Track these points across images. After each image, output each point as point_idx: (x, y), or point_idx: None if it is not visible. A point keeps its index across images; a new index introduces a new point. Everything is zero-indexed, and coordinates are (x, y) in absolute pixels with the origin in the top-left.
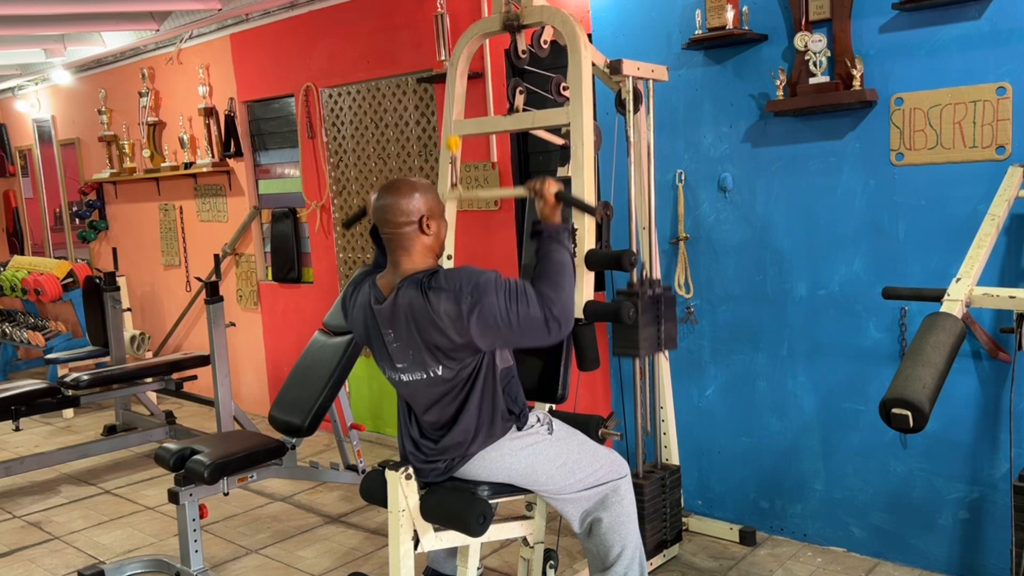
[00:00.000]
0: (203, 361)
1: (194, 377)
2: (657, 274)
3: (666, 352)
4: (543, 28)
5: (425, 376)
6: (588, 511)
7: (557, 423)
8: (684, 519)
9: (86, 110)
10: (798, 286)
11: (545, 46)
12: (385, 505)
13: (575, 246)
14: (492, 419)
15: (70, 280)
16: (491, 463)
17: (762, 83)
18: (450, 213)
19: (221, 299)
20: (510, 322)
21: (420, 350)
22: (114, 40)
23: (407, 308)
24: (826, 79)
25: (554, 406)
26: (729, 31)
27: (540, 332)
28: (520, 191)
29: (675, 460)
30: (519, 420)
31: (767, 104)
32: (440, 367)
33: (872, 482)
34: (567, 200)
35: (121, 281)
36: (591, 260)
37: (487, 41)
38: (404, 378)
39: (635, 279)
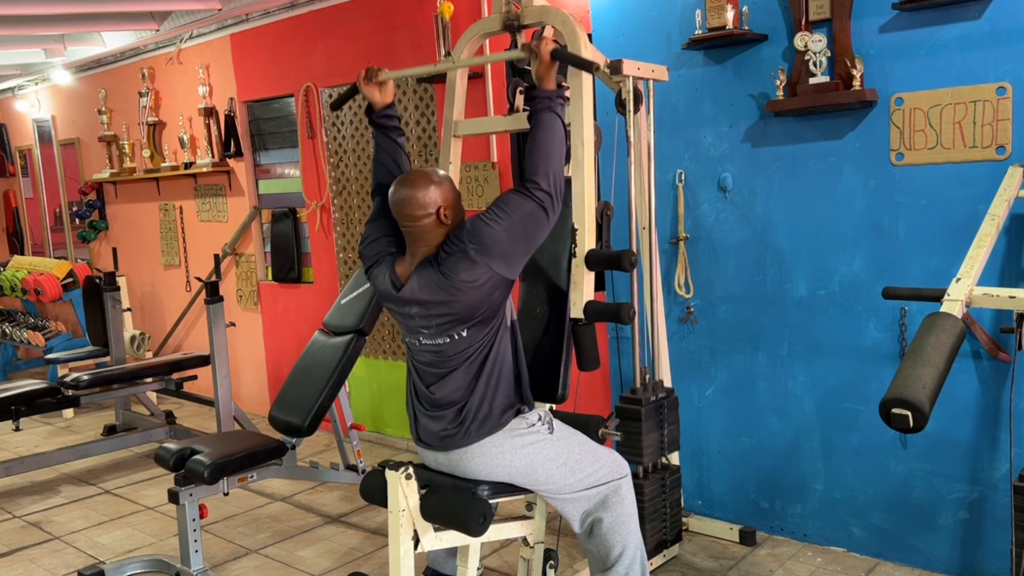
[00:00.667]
0: (203, 361)
1: (194, 377)
2: (664, 375)
3: (666, 352)
4: (543, 28)
5: (448, 340)
6: (588, 511)
7: (557, 423)
8: (684, 519)
9: (86, 110)
10: (798, 286)
11: None
12: (385, 505)
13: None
14: (497, 389)
15: (70, 280)
16: (491, 461)
17: (762, 83)
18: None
19: (221, 299)
20: (513, 235)
21: (445, 319)
22: (114, 40)
23: (429, 287)
24: (826, 79)
25: (554, 406)
26: (729, 31)
27: (541, 219)
28: (516, 53)
29: (675, 460)
30: (522, 403)
31: (767, 104)
32: (465, 330)
33: (872, 482)
34: (564, 58)
35: (121, 281)
36: (591, 260)
37: (487, 41)
38: (426, 342)
39: (638, 384)
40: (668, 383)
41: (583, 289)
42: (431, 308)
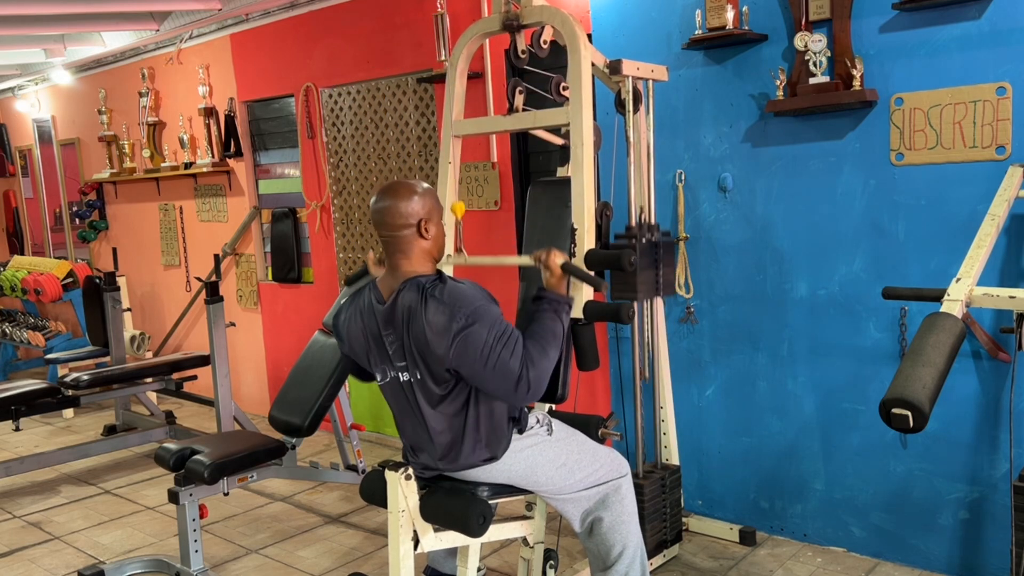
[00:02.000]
0: (203, 361)
1: (194, 377)
2: (654, 218)
3: (666, 352)
4: (543, 28)
5: (419, 377)
6: (588, 511)
7: (557, 423)
8: (684, 519)
9: (86, 110)
10: (798, 286)
11: (545, 46)
12: (385, 505)
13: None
14: (491, 432)
15: (70, 280)
16: (491, 465)
17: (762, 83)
18: (448, 271)
19: (221, 299)
20: (487, 361)
21: (413, 351)
22: (114, 40)
23: (405, 309)
24: (826, 79)
25: (554, 406)
26: (729, 31)
27: (508, 385)
28: (526, 260)
29: (675, 460)
30: (519, 423)
31: (767, 104)
32: (427, 373)
33: (872, 482)
34: (573, 272)
35: (121, 281)
36: (591, 260)
37: (487, 41)
38: (403, 377)
39: (633, 223)
40: (668, 383)
41: (583, 289)
42: (403, 327)
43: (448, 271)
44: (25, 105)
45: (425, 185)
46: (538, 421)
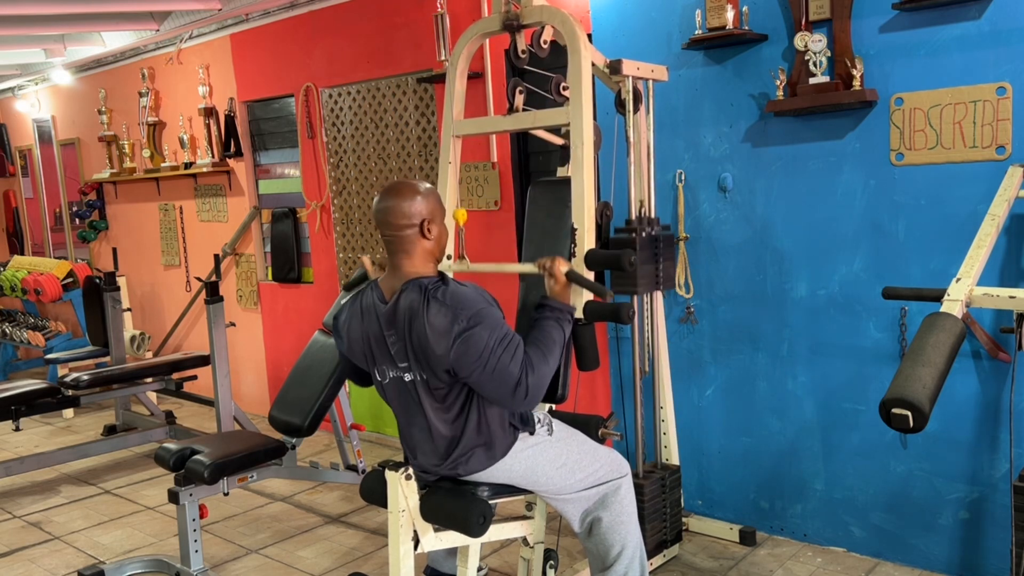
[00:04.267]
0: (203, 361)
1: (194, 377)
2: (654, 212)
3: (666, 352)
4: (543, 28)
5: (423, 377)
6: (588, 511)
7: (557, 423)
8: (684, 519)
9: (86, 110)
10: (798, 286)
11: (545, 46)
12: (385, 505)
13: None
14: (491, 436)
15: (70, 280)
16: (491, 466)
17: (762, 83)
18: (450, 271)
19: (221, 299)
20: (486, 365)
21: (413, 352)
22: (114, 40)
23: (407, 310)
24: (826, 79)
25: (554, 406)
26: (729, 31)
27: (507, 389)
28: (530, 268)
29: (675, 460)
30: (527, 425)
31: (767, 104)
32: (430, 374)
33: (872, 482)
34: (577, 281)
35: (121, 281)
36: (591, 260)
37: (487, 41)
38: (407, 377)
39: (633, 217)
40: (668, 383)
41: (583, 290)
42: (404, 327)
43: (448, 268)
44: (25, 105)
45: (428, 185)
46: (539, 421)
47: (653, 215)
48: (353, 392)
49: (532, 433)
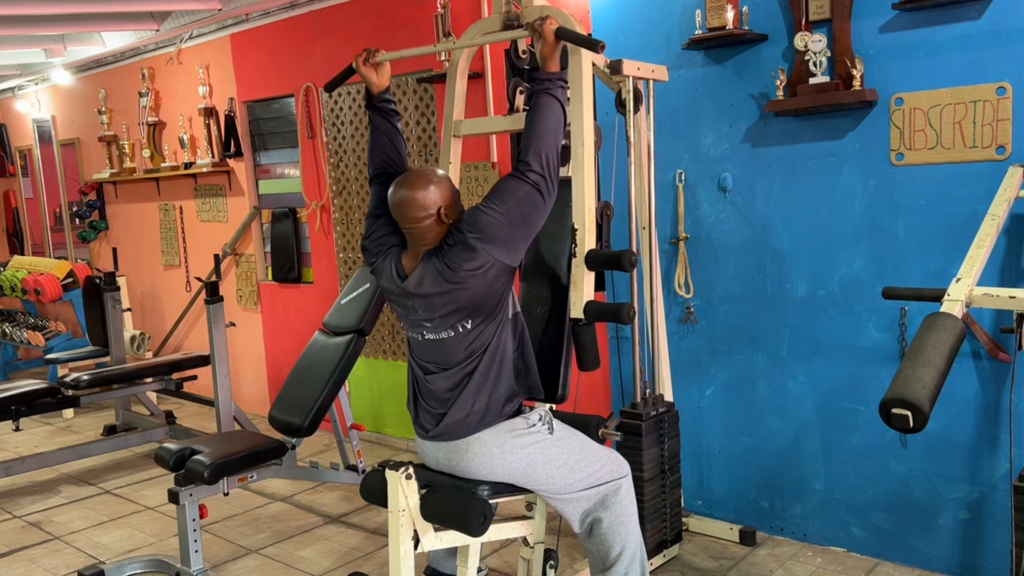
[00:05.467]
0: (203, 361)
1: (194, 377)
2: (660, 390)
3: (666, 352)
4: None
5: (452, 334)
6: (588, 511)
7: (557, 423)
8: (684, 519)
9: (86, 110)
10: (798, 286)
11: None
12: (385, 505)
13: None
14: (498, 381)
15: (70, 280)
16: (491, 460)
17: (762, 83)
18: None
19: (221, 299)
20: (511, 220)
21: (449, 312)
22: (114, 40)
23: (433, 279)
24: (826, 79)
25: (554, 406)
26: (729, 31)
27: (537, 201)
28: (520, 32)
29: None
30: (528, 392)
31: (767, 104)
32: (470, 321)
33: (872, 482)
34: (568, 37)
35: (121, 281)
36: (591, 260)
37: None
38: (430, 336)
39: (638, 399)
40: (668, 385)
41: (583, 289)
42: (435, 300)
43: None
44: (25, 105)
45: (440, 172)
46: (540, 419)
47: (662, 392)
48: (353, 392)
49: (519, 412)
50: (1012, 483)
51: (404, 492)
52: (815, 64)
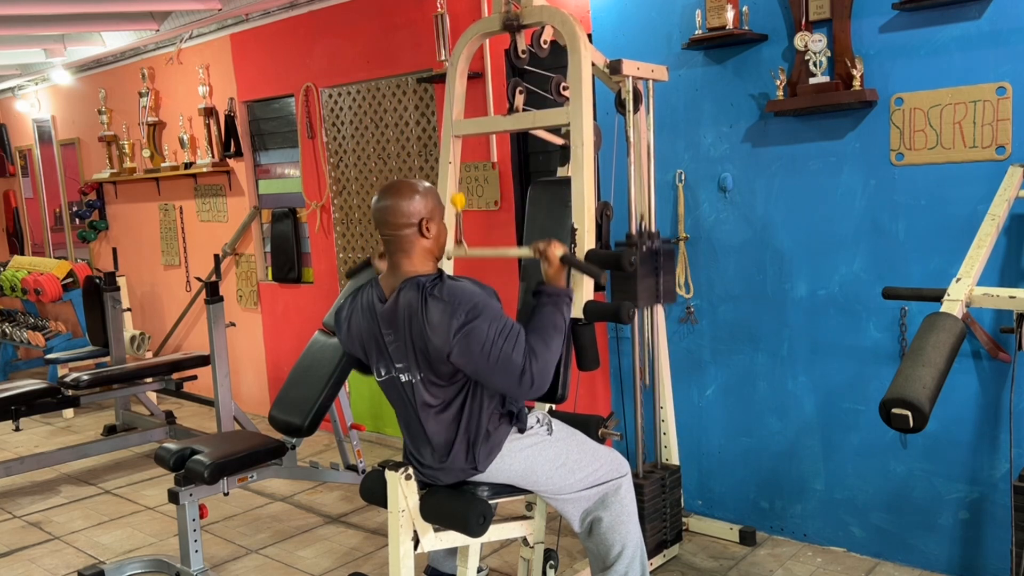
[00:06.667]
0: (203, 361)
1: (194, 377)
2: (655, 225)
3: (666, 352)
4: (543, 28)
5: (420, 377)
6: (588, 510)
7: (557, 423)
8: (684, 519)
9: (86, 110)
10: (798, 286)
11: (545, 46)
12: (385, 505)
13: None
14: (480, 441)
15: (70, 280)
16: (491, 463)
17: (762, 83)
18: (449, 269)
19: (221, 299)
20: (489, 355)
21: (414, 351)
22: (114, 40)
23: (406, 308)
24: (826, 79)
25: (554, 406)
26: (729, 31)
27: (513, 379)
28: (526, 251)
29: (675, 460)
30: (518, 420)
31: (767, 104)
32: (430, 372)
33: (872, 482)
34: (572, 264)
35: (121, 281)
36: (591, 260)
37: (487, 41)
38: (403, 378)
39: (633, 230)
40: (668, 383)
41: (583, 289)
42: (404, 327)
43: (448, 266)
44: (25, 105)
45: (426, 184)
46: (538, 420)
47: (653, 228)
48: (353, 392)
49: (522, 431)
50: (1012, 483)
51: (404, 492)
52: (815, 64)
